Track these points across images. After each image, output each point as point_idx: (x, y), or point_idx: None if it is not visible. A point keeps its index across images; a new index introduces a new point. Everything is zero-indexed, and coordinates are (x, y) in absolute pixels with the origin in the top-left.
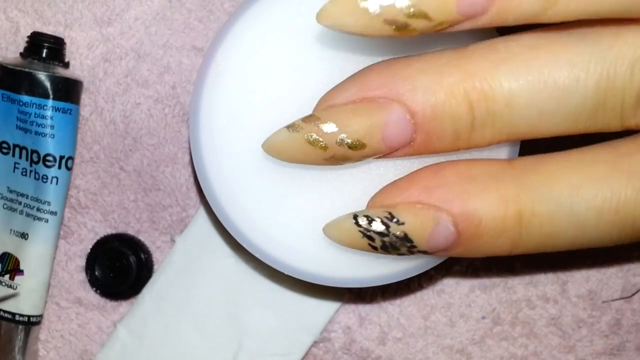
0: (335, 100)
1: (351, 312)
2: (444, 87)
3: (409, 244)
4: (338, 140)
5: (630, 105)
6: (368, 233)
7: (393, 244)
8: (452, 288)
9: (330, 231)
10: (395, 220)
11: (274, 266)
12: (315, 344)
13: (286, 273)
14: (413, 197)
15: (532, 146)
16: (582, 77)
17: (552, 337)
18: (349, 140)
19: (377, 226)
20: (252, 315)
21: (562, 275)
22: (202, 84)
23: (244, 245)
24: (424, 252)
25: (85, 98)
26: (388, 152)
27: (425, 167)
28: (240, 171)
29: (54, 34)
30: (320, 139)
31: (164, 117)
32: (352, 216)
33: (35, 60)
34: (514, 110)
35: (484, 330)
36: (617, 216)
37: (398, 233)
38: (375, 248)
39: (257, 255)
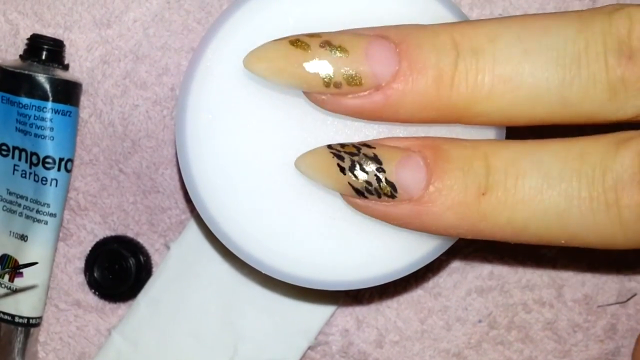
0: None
1: (348, 315)
2: (429, 28)
3: (377, 166)
4: (321, 43)
5: (613, 48)
6: (339, 153)
7: (362, 165)
8: (449, 291)
9: (303, 158)
10: (366, 146)
11: (262, 270)
12: (311, 347)
13: (279, 279)
14: (385, 143)
15: None
16: (569, 35)
17: (548, 342)
18: (333, 44)
19: (349, 149)
20: (247, 321)
21: (558, 280)
22: (190, 81)
23: (229, 247)
24: (393, 190)
25: (84, 100)
26: (370, 81)
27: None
28: (227, 172)
29: (53, 36)
30: (306, 44)
31: (162, 119)
32: (324, 145)
33: (35, 63)
34: (497, 47)
35: (480, 334)
36: (583, 164)
37: (368, 154)
38: (343, 170)
39: (242, 258)
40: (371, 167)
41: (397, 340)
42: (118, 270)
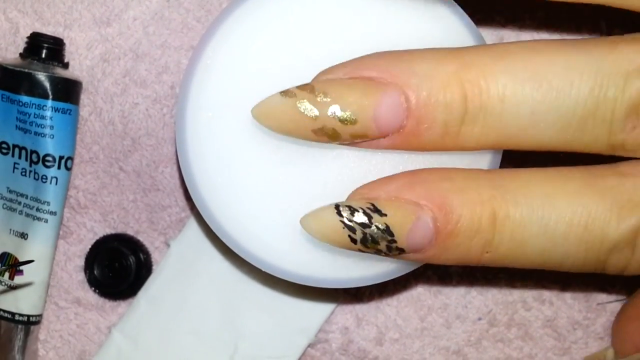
0: (333, 75)
1: (348, 313)
2: (440, 74)
3: (389, 238)
4: (330, 113)
5: (620, 117)
6: (350, 224)
7: (374, 237)
8: (449, 289)
9: (309, 222)
10: (378, 211)
11: (262, 268)
12: (311, 345)
13: (279, 277)
14: (394, 192)
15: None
16: (576, 82)
17: (548, 339)
18: (341, 113)
19: (360, 217)
20: (247, 318)
21: (558, 277)
22: (191, 78)
23: (229, 245)
24: (401, 251)
25: (84, 98)
26: (377, 136)
27: (406, 171)
28: (226, 170)
29: (53, 35)
30: (313, 108)
31: (162, 117)
32: (333, 206)
33: (35, 61)
34: (506, 107)
35: (480, 332)
36: (586, 232)
37: (380, 225)
38: (354, 241)
39: (242, 256)
40: (383, 238)
41: (397, 338)
42: (118, 268)
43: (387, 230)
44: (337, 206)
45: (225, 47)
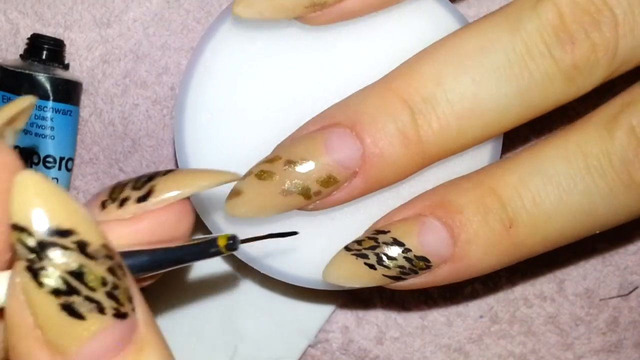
0: (295, 135)
1: (348, 312)
2: (372, 93)
3: (401, 249)
4: (284, 166)
5: (553, 42)
6: (361, 252)
7: (387, 254)
8: (449, 287)
9: (331, 272)
10: (381, 232)
11: (262, 270)
12: (311, 345)
13: (279, 279)
14: (394, 219)
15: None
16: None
17: (550, 335)
18: (294, 160)
19: (366, 243)
20: (246, 321)
21: (559, 274)
22: (190, 80)
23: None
24: (426, 262)
25: (84, 99)
26: (346, 173)
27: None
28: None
29: (53, 36)
30: (269, 170)
31: (162, 118)
32: (343, 249)
33: (35, 62)
34: (446, 86)
35: (482, 329)
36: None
37: (387, 240)
38: (373, 267)
39: (241, 258)
40: (396, 251)
41: (397, 337)
42: None
43: (396, 242)
44: (346, 247)
45: (224, 49)
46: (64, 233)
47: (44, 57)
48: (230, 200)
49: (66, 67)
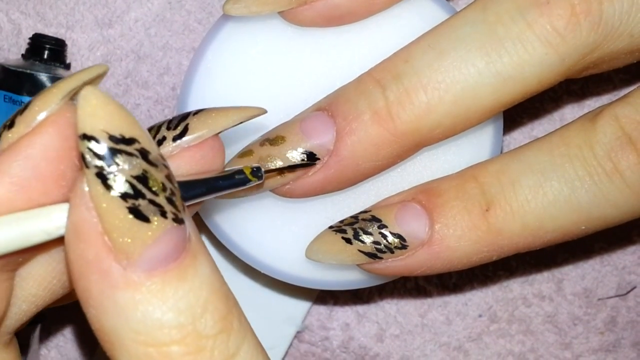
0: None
1: (349, 310)
2: (349, 84)
3: (378, 224)
4: (261, 142)
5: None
6: (340, 227)
7: (364, 229)
8: (448, 286)
9: (312, 247)
10: (363, 212)
11: (263, 271)
12: (312, 342)
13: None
14: (380, 205)
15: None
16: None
17: (549, 335)
18: (271, 138)
19: (348, 220)
20: None
21: (558, 274)
22: (191, 81)
23: (235, 252)
24: (402, 241)
25: None
26: (320, 150)
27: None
28: None
29: (55, 36)
30: (249, 148)
31: (163, 117)
32: (326, 227)
33: (37, 62)
34: (414, 62)
35: (481, 328)
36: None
37: (366, 217)
38: (349, 241)
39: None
40: (373, 227)
41: (397, 334)
42: None
43: (374, 219)
44: (330, 226)
45: (226, 50)
46: (128, 141)
47: (45, 57)
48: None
49: (68, 67)
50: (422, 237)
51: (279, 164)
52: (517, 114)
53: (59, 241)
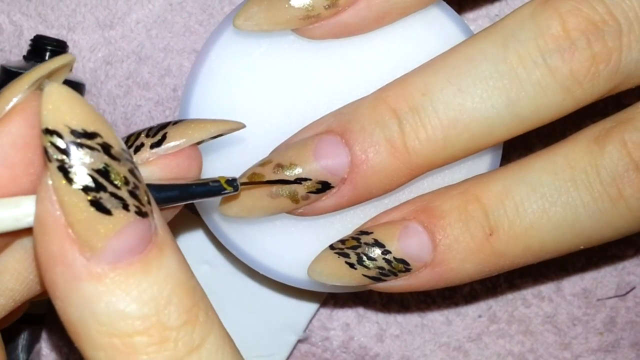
0: (290, 141)
1: (349, 310)
2: (363, 104)
3: (381, 250)
4: (274, 169)
5: (549, 50)
6: (342, 251)
7: (367, 254)
8: (448, 287)
9: (314, 268)
10: (364, 233)
11: (264, 274)
12: (312, 342)
13: (282, 282)
14: (380, 221)
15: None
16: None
17: (548, 335)
18: (284, 164)
19: (349, 242)
20: (232, 320)
21: (557, 274)
22: (194, 82)
23: (238, 255)
24: (405, 265)
25: (87, 100)
26: (334, 179)
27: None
28: (227, 173)
29: (56, 37)
30: (259, 173)
31: (164, 119)
32: (328, 247)
33: (39, 63)
34: (432, 96)
35: (481, 328)
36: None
37: (369, 241)
38: (352, 266)
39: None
40: (376, 252)
41: (397, 334)
42: None
43: (377, 243)
44: (330, 246)
45: (228, 52)
46: (90, 135)
47: (47, 58)
48: (224, 199)
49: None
50: (425, 260)
51: (294, 191)
52: None
53: (31, 232)
